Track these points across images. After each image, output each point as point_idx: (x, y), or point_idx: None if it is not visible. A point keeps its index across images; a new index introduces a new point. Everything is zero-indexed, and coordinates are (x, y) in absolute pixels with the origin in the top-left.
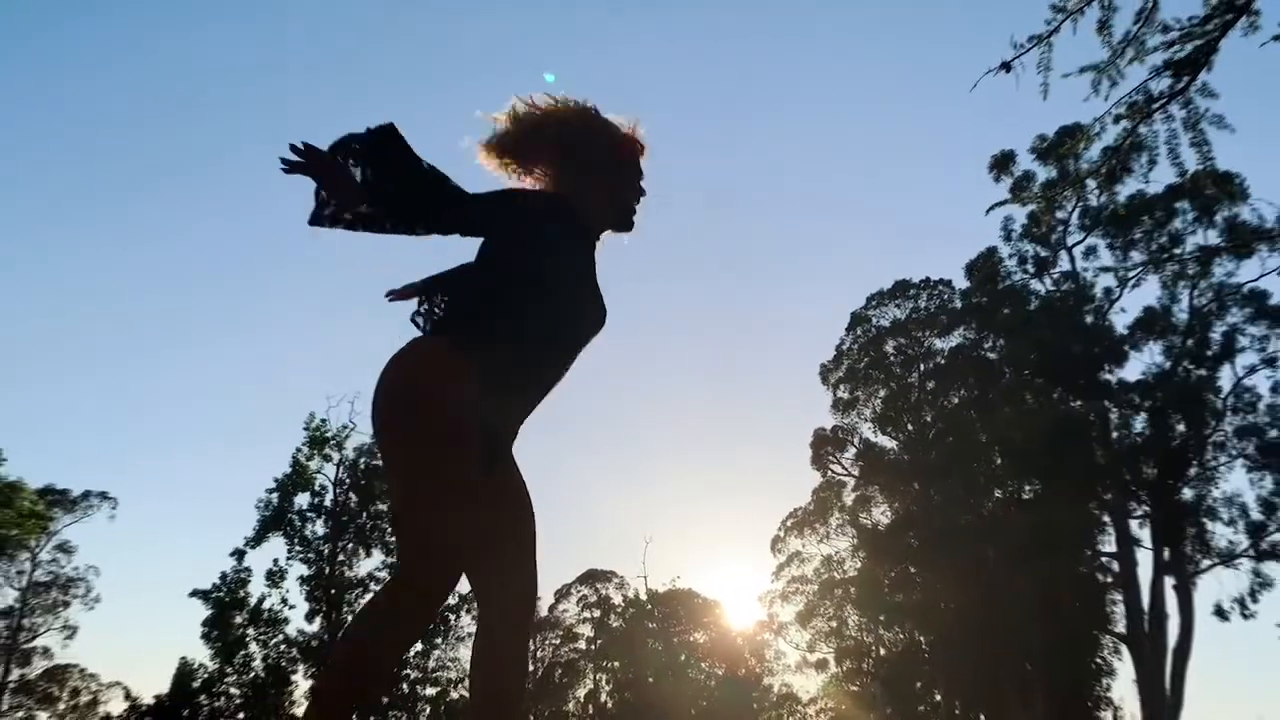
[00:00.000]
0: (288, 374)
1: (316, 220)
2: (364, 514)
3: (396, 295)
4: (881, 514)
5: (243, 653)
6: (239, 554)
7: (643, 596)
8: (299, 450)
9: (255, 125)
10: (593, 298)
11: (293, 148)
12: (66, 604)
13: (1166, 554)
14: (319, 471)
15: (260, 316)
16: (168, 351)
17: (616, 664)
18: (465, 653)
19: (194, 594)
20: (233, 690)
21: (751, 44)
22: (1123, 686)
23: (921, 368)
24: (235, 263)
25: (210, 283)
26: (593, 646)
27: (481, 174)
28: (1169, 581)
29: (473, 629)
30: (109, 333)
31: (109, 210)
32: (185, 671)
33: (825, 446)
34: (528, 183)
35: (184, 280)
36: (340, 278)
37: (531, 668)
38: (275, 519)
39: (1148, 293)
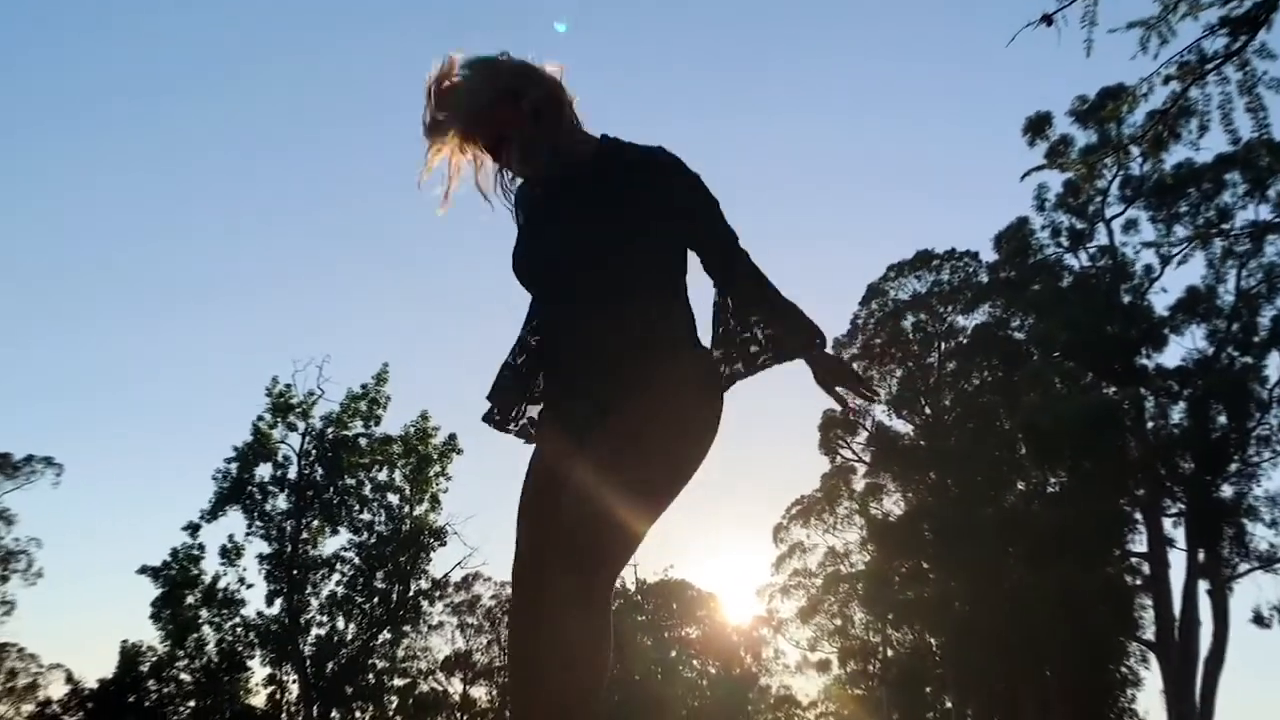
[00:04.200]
0: (250, 336)
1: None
2: (330, 489)
3: None
4: (894, 504)
5: (194, 635)
6: (193, 528)
7: (631, 587)
8: (261, 418)
9: (212, 77)
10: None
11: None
12: (5, 578)
13: (1201, 555)
14: (282, 441)
15: (221, 276)
16: (121, 311)
17: None
18: (436, 641)
19: (143, 570)
20: (183, 676)
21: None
22: (1149, 697)
23: (942, 346)
24: (194, 220)
25: (169, 240)
26: None
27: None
28: (1203, 585)
29: (444, 619)
30: (59, 291)
31: (53, 166)
32: (131, 654)
33: (835, 429)
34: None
35: (140, 237)
36: (305, 237)
37: (505, 661)
38: (234, 491)
39: (1192, 271)
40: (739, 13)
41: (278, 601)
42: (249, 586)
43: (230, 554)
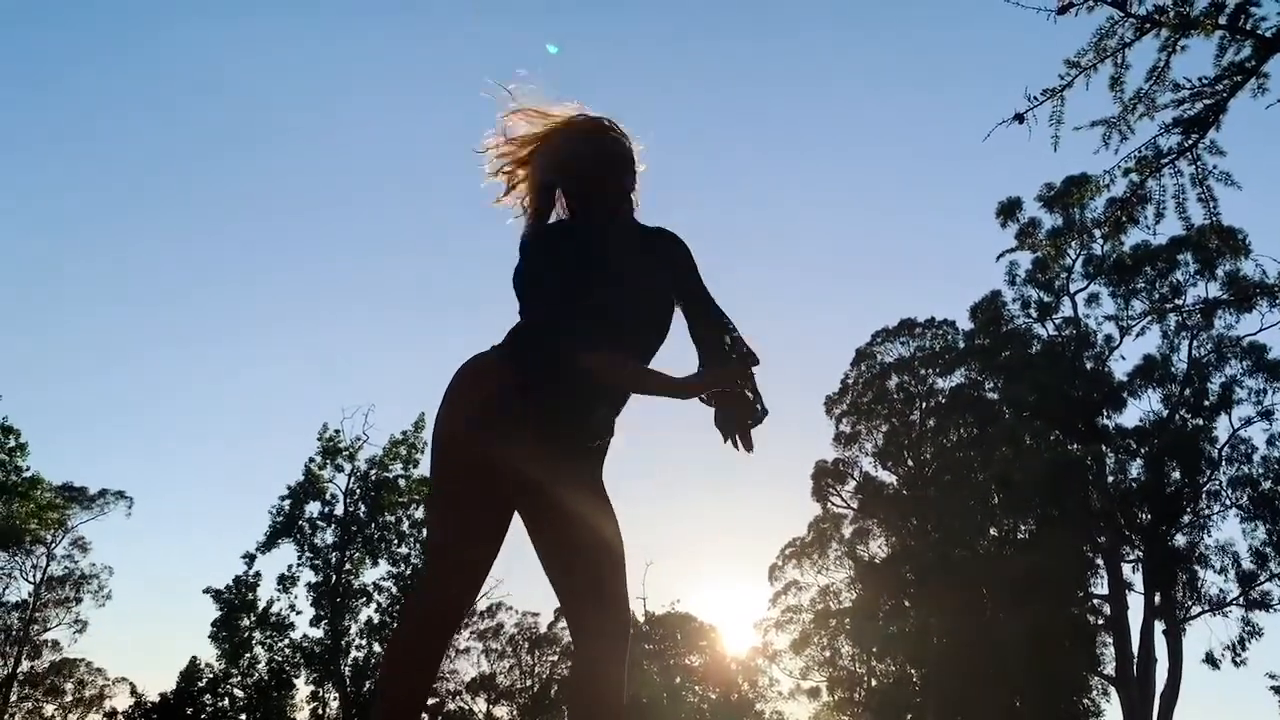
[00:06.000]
0: (305, 385)
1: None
2: (372, 524)
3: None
4: (879, 547)
5: (248, 655)
6: (250, 558)
7: (641, 618)
8: (312, 460)
9: (282, 126)
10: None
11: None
12: (79, 600)
13: (1157, 599)
14: (331, 481)
15: (281, 326)
16: (195, 363)
17: None
18: (463, 665)
19: (207, 591)
20: (237, 691)
21: (761, 85)
22: None
23: (923, 405)
24: (258, 269)
25: (232, 287)
26: None
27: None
28: (1159, 626)
29: (470, 644)
30: (137, 333)
31: (130, 209)
32: (192, 670)
33: (826, 478)
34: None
35: (207, 283)
36: (361, 295)
37: (529, 683)
38: (286, 526)
39: (1148, 342)
40: (743, 111)
41: (322, 625)
42: (299, 612)
43: (287, 582)
